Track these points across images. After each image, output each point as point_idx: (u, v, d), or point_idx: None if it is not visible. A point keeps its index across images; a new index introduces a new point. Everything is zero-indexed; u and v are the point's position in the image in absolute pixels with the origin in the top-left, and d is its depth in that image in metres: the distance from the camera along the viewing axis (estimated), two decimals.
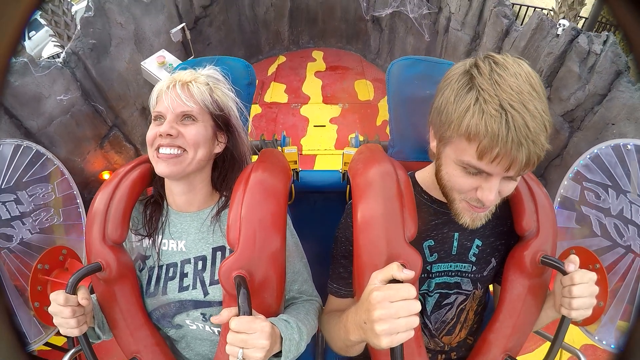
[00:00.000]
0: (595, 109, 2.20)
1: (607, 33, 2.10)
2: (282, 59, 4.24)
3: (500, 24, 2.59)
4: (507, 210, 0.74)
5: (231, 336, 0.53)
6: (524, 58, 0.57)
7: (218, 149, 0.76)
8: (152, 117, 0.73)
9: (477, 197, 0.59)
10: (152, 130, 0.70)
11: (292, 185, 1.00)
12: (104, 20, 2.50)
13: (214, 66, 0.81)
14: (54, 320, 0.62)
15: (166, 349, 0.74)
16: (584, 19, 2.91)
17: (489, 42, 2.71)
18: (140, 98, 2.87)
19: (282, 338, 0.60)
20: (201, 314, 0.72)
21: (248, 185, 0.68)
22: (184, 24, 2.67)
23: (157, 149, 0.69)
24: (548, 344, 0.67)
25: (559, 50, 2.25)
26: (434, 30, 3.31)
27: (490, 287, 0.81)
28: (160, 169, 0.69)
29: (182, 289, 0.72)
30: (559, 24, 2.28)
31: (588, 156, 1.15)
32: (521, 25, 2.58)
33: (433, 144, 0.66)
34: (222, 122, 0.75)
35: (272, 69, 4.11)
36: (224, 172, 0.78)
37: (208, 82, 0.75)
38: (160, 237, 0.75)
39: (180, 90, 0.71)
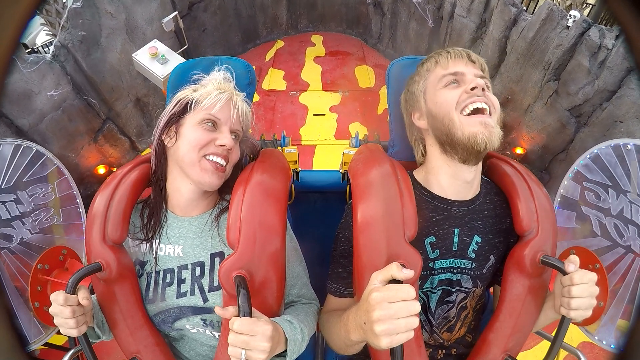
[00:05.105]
0: (603, 106, 2.13)
1: (619, 27, 2.00)
2: (280, 43, 4.12)
3: (508, 12, 2.48)
4: (506, 208, 0.74)
5: (233, 337, 0.53)
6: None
7: None
8: (200, 118, 0.70)
9: (468, 93, 0.67)
10: (205, 134, 0.69)
11: (292, 185, 0.99)
12: (93, 10, 2.40)
13: (217, 66, 0.81)
14: (55, 321, 0.62)
15: (166, 349, 0.74)
16: (591, 6, 2.80)
17: (496, 30, 2.60)
18: (133, 89, 2.80)
19: (286, 339, 0.61)
20: (201, 319, 0.73)
21: (248, 185, 0.68)
22: (176, 12, 2.55)
23: (205, 155, 0.69)
24: (547, 341, 0.67)
25: (569, 42, 2.16)
26: (438, 16, 3.19)
27: (491, 289, 0.82)
28: (205, 178, 0.69)
29: (180, 295, 0.72)
30: (570, 15, 2.18)
31: (588, 156, 1.14)
32: (526, 11, 2.48)
33: (421, 122, 0.74)
34: (242, 142, 0.80)
35: (270, 54, 4.00)
36: (232, 177, 0.78)
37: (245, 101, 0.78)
38: (157, 241, 0.75)
39: (240, 106, 0.74)
